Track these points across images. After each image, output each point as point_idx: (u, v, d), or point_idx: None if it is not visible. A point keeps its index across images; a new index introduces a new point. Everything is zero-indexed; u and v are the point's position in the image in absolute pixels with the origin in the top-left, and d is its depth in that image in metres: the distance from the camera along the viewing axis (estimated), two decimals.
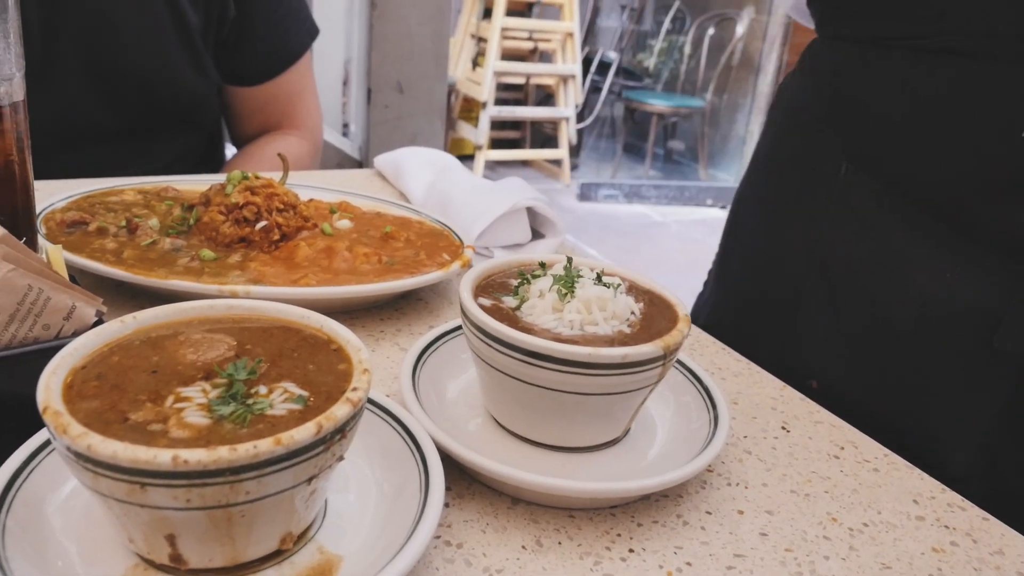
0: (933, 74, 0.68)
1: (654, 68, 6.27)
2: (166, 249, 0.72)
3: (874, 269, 0.74)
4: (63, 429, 0.34)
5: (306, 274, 0.70)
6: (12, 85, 0.54)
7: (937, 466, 0.62)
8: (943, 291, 0.69)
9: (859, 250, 0.75)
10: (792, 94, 0.86)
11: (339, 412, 0.37)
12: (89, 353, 0.41)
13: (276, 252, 0.74)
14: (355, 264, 0.73)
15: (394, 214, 0.89)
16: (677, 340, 0.49)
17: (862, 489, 0.56)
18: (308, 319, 0.46)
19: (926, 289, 0.70)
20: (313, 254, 0.73)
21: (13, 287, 0.45)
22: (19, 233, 0.54)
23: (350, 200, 0.92)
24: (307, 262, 0.73)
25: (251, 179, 0.78)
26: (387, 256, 0.76)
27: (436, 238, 0.83)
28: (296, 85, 1.30)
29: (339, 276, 0.71)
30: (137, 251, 0.71)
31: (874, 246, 0.74)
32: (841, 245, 0.76)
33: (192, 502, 0.35)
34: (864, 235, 0.74)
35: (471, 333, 0.51)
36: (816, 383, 0.75)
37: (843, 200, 0.76)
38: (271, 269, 0.71)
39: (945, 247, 0.69)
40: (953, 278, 0.69)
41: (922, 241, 0.70)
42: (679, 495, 0.53)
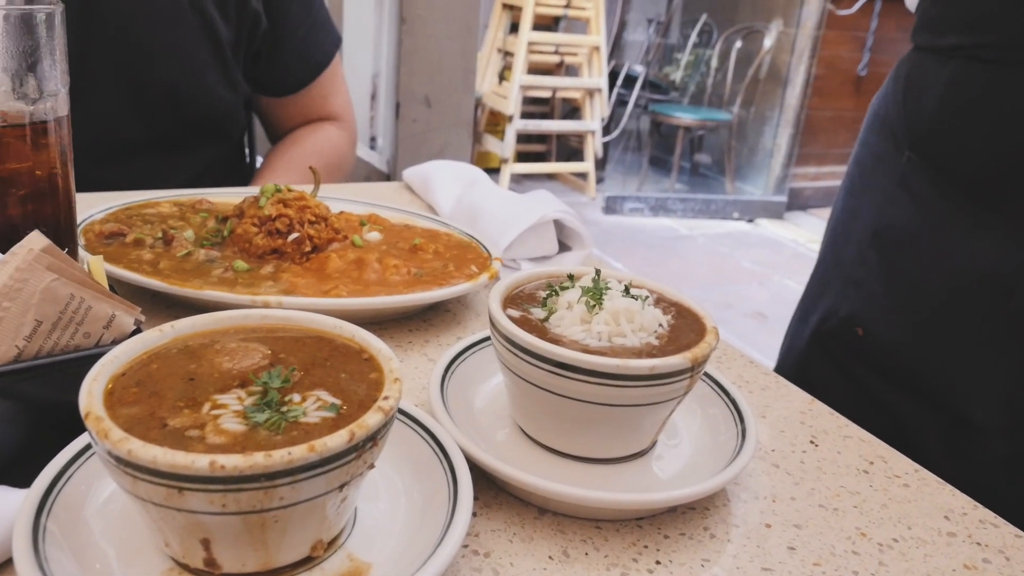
0: (977, 81, 0.83)
1: (680, 81, 6.26)
2: (201, 260, 0.74)
3: (918, 239, 0.88)
4: (104, 434, 0.35)
5: (337, 285, 0.71)
6: (57, 100, 0.55)
7: (962, 411, 0.82)
8: (971, 256, 0.83)
9: (908, 223, 0.90)
10: (879, 99, 1.02)
11: (371, 420, 0.38)
12: (129, 361, 0.42)
13: (307, 264, 0.75)
14: (385, 275, 0.74)
15: (423, 226, 0.90)
16: (705, 352, 0.50)
17: (892, 504, 0.56)
18: (340, 329, 0.46)
19: (957, 257, 0.84)
20: (344, 265, 0.75)
21: (56, 296, 0.46)
22: (61, 244, 0.55)
23: (379, 212, 0.93)
24: (338, 273, 0.74)
25: (284, 191, 0.79)
26: (416, 268, 0.76)
27: (464, 250, 0.84)
28: (326, 88, 1.32)
29: (369, 287, 0.72)
30: (173, 262, 0.73)
31: (920, 220, 0.88)
32: (895, 219, 0.91)
33: (228, 507, 0.36)
34: (914, 211, 0.89)
35: (500, 344, 0.52)
36: (861, 330, 0.91)
37: (903, 183, 0.91)
38: (303, 280, 0.72)
39: (977, 223, 0.83)
40: (980, 249, 0.82)
41: (959, 217, 0.84)
42: (706, 508, 0.53)
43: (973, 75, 0.83)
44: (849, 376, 0.93)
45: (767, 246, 5.03)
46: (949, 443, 0.86)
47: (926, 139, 0.89)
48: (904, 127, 0.92)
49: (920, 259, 0.88)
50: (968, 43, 0.84)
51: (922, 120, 0.90)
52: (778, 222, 5.48)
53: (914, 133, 0.91)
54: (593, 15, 5.15)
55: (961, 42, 0.85)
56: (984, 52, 0.82)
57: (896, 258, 0.91)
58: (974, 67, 0.83)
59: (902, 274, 0.90)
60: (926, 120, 0.89)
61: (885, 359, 0.89)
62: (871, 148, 1.00)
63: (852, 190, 1.03)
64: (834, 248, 1.03)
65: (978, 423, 0.82)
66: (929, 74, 0.90)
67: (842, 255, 1.00)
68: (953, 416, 0.85)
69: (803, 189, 5.65)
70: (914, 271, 0.88)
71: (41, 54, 0.53)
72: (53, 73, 0.54)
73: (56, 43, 0.54)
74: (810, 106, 5.42)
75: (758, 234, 5.27)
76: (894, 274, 0.91)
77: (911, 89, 0.92)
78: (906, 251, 0.90)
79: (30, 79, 0.53)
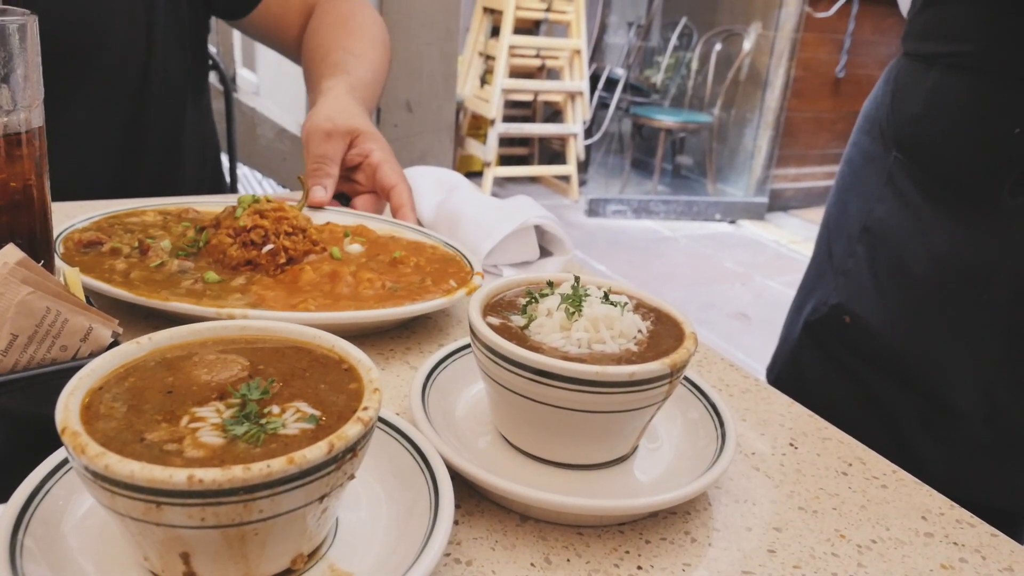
0: (957, 87, 0.89)
1: (661, 84, 6.29)
2: (173, 271, 0.73)
3: (903, 233, 0.94)
4: (81, 449, 0.35)
5: (306, 299, 0.70)
6: (31, 111, 0.55)
7: (943, 398, 0.89)
8: (952, 253, 0.88)
9: (894, 218, 0.96)
10: (871, 101, 1.07)
11: (350, 431, 0.38)
12: (106, 374, 0.42)
13: (282, 276, 0.75)
14: (358, 290, 0.73)
15: (408, 238, 0.89)
16: (684, 358, 0.50)
17: (870, 506, 0.56)
18: (320, 340, 0.46)
19: (939, 251, 0.89)
20: (317, 278, 0.74)
21: (32, 309, 0.46)
22: (37, 256, 0.55)
23: (368, 223, 0.91)
24: (310, 286, 0.73)
25: (262, 202, 0.79)
26: (392, 282, 0.75)
27: (446, 264, 0.83)
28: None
29: (340, 301, 0.71)
30: (145, 272, 0.72)
31: (905, 215, 0.94)
32: (882, 214, 0.97)
33: (207, 520, 0.35)
34: (899, 207, 0.95)
35: (480, 352, 0.52)
36: (849, 319, 0.97)
37: (890, 180, 0.97)
38: (272, 293, 0.71)
39: (957, 218, 0.88)
40: (960, 243, 0.88)
41: (941, 213, 0.90)
42: (687, 512, 0.53)
43: (953, 82, 0.89)
44: (838, 363, 0.99)
45: (749, 247, 5.06)
46: (932, 429, 0.91)
47: (911, 140, 0.95)
48: (892, 129, 0.98)
49: (904, 252, 0.93)
50: (947, 52, 0.90)
51: (907, 123, 0.96)
52: (759, 223, 5.52)
53: (900, 134, 0.97)
54: (574, 19, 5.17)
55: (941, 50, 0.91)
56: (962, 61, 0.88)
57: (882, 251, 0.97)
58: (953, 75, 0.89)
59: (888, 266, 0.95)
60: (911, 123, 0.95)
61: (871, 347, 0.95)
62: (861, 148, 1.06)
63: (843, 187, 1.09)
64: (827, 242, 1.09)
65: (960, 410, 0.89)
66: (914, 79, 0.96)
67: (833, 249, 1.06)
68: (936, 403, 0.91)
69: (784, 190, 5.70)
70: (899, 263, 0.94)
71: (14, 65, 0.52)
72: (27, 84, 0.54)
73: (29, 54, 0.53)
74: (790, 108, 5.46)
75: (740, 235, 5.30)
76: (880, 266, 0.96)
77: (899, 93, 0.98)
78: (892, 244, 0.96)
79: (3, 91, 0.52)
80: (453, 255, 0.85)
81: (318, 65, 1.13)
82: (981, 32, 0.87)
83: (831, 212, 1.09)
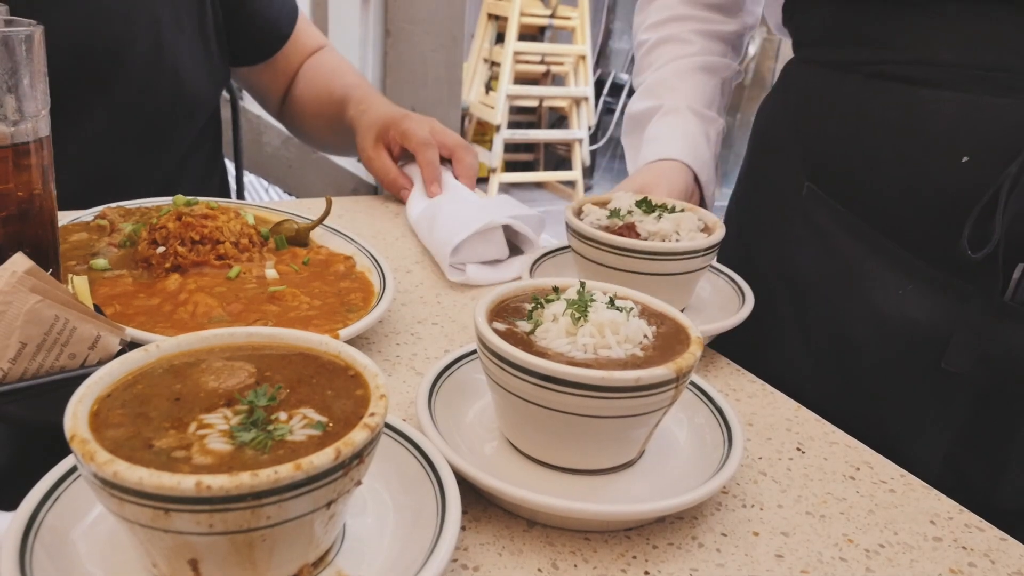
0: (883, 99, 0.72)
1: None
2: (100, 248, 0.78)
3: (835, 286, 0.77)
4: (90, 457, 0.35)
5: (116, 309, 0.67)
6: (38, 121, 0.55)
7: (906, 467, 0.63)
8: (897, 309, 0.72)
9: (820, 266, 0.79)
10: (767, 114, 0.91)
11: (357, 437, 0.38)
12: (114, 382, 0.42)
13: (165, 279, 0.73)
14: (194, 314, 0.68)
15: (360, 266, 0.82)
16: (689, 363, 0.50)
17: (878, 510, 0.56)
18: (326, 346, 0.47)
19: (882, 307, 0.73)
20: (173, 288, 0.71)
21: (40, 318, 0.46)
22: (44, 264, 0.55)
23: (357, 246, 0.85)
24: (158, 296, 0.70)
25: (200, 206, 0.79)
26: (228, 315, 0.69)
27: (330, 313, 0.71)
28: (304, 34, 1.29)
29: (133, 318, 0.66)
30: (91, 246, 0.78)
31: (834, 264, 0.77)
32: (804, 261, 0.80)
33: (215, 527, 0.36)
34: (825, 252, 0.78)
35: (486, 357, 0.52)
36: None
37: (805, 218, 0.80)
38: (107, 291, 0.70)
39: (897, 266, 0.72)
40: (905, 296, 0.72)
41: (877, 259, 0.74)
42: (694, 517, 0.53)
43: (876, 93, 0.72)
44: None
45: None
46: None
47: (825, 168, 0.78)
48: (799, 153, 0.81)
49: (839, 309, 0.77)
50: (872, 59, 0.73)
51: (820, 145, 0.79)
52: None
53: (812, 161, 0.79)
54: (578, 24, 5.17)
55: (861, 57, 0.74)
56: (891, 69, 0.71)
57: (812, 309, 0.80)
58: (877, 84, 0.72)
59: (821, 327, 0.79)
60: (825, 145, 0.78)
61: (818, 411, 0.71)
62: (764, 175, 0.89)
63: (744, 226, 0.91)
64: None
65: (922, 478, 0.64)
66: (823, 89, 0.79)
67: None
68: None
69: None
70: (834, 323, 0.78)
71: (21, 75, 0.53)
72: (33, 94, 0.54)
73: (36, 64, 0.54)
74: None
75: None
76: (814, 327, 0.80)
77: (804, 107, 0.81)
78: (822, 299, 0.79)
79: (10, 101, 0.53)
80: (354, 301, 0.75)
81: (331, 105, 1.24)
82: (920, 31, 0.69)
83: (732, 259, 0.87)
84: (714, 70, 1.00)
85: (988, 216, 0.64)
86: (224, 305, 0.70)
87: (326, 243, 0.87)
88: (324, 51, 1.33)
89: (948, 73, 0.67)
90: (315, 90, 1.28)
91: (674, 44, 1.01)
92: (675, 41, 1.01)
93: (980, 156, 0.66)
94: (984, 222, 0.64)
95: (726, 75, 1.02)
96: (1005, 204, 0.63)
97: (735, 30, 1.02)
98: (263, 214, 0.91)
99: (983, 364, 0.69)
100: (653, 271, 0.71)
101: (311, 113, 1.29)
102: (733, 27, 1.02)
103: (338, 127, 1.22)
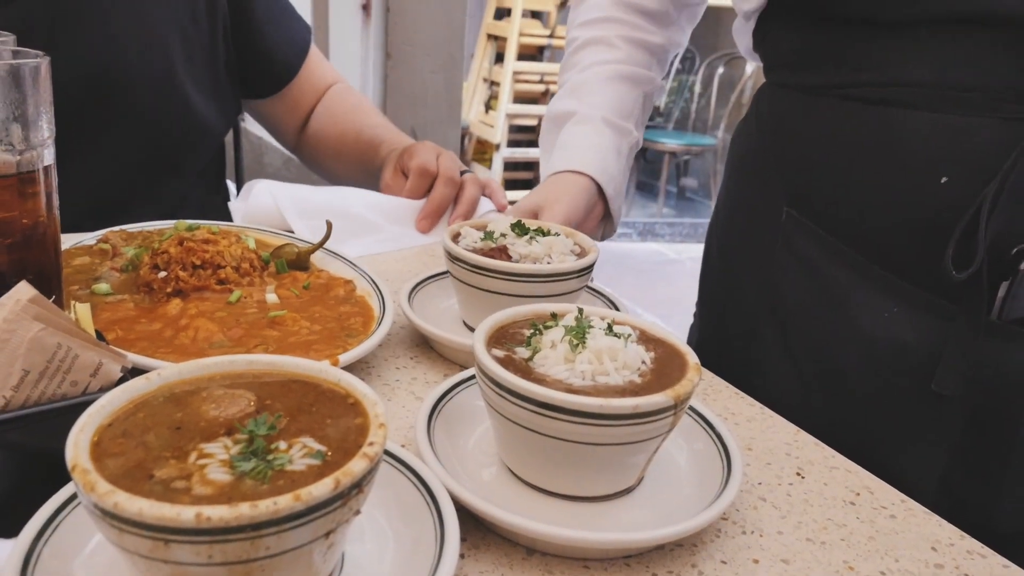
0: (858, 122, 0.72)
1: (665, 107, 6.33)
2: (102, 272, 0.78)
3: (820, 310, 0.77)
4: (91, 487, 0.36)
5: (117, 334, 0.67)
6: (43, 150, 0.56)
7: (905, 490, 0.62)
8: (885, 332, 0.72)
9: (804, 292, 0.78)
10: (743, 138, 0.90)
11: (356, 467, 0.38)
12: (115, 410, 0.42)
13: (165, 303, 0.73)
14: (195, 339, 0.68)
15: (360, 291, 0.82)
16: (688, 390, 0.50)
17: (879, 536, 0.56)
18: (325, 374, 0.47)
19: (869, 330, 0.73)
20: (174, 313, 0.72)
21: (43, 346, 0.46)
22: (47, 292, 0.55)
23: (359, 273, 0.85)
24: (160, 321, 0.70)
25: (202, 230, 0.79)
26: (228, 340, 0.69)
27: (330, 338, 0.71)
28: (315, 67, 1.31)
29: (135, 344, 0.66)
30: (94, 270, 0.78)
31: (818, 288, 0.77)
32: (788, 287, 0.80)
33: (214, 558, 0.36)
34: (808, 278, 0.78)
35: (484, 384, 0.52)
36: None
37: (787, 244, 0.80)
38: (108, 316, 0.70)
39: (882, 289, 0.72)
40: (891, 319, 0.71)
41: (861, 283, 0.73)
42: (694, 544, 0.53)
43: (851, 115, 0.73)
44: None
45: None
46: None
47: (804, 192, 0.78)
48: (777, 178, 0.81)
49: (826, 334, 0.76)
50: (845, 81, 0.73)
51: (797, 170, 0.78)
52: None
53: (791, 185, 0.79)
54: None
55: (834, 80, 0.74)
56: (865, 91, 0.71)
57: (798, 334, 0.79)
58: (852, 107, 0.73)
59: (807, 352, 0.78)
60: (802, 170, 0.78)
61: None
62: (743, 200, 0.88)
63: (727, 251, 0.90)
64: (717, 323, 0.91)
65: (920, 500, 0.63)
66: (797, 113, 0.79)
67: (731, 332, 0.87)
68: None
69: None
70: (821, 348, 0.77)
71: (27, 106, 0.53)
72: (39, 123, 0.55)
73: (43, 94, 0.54)
74: None
75: None
76: (800, 352, 0.79)
77: (780, 132, 0.81)
78: (807, 325, 0.78)
79: (16, 130, 0.54)
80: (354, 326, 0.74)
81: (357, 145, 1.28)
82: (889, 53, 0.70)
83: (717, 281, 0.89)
84: (637, 81, 1.02)
85: (970, 235, 0.64)
86: (225, 330, 0.70)
87: (326, 267, 0.88)
88: (340, 87, 1.35)
89: (923, 94, 0.68)
90: (337, 128, 1.29)
91: (601, 47, 1.02)
92: (602, 44, 1.02)
93: (958, 176, 0.66)
94: (966, 241, 0.64)
95: (648, 89, 1.04)
96: (986, 223, 0.63)
97: (661, 43, 1.04)
98: (264, 238, 0.91)
99: (974, 386, 0.69)
100: (523, 293, 0.71)
101: (333, 152, 1.30)
102: (660, 40, 1.03)
103: (370, 167, 1.23)
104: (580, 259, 0.75)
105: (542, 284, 0.71)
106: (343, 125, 1.29)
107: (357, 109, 1.31)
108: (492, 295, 0.72)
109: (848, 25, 0.72)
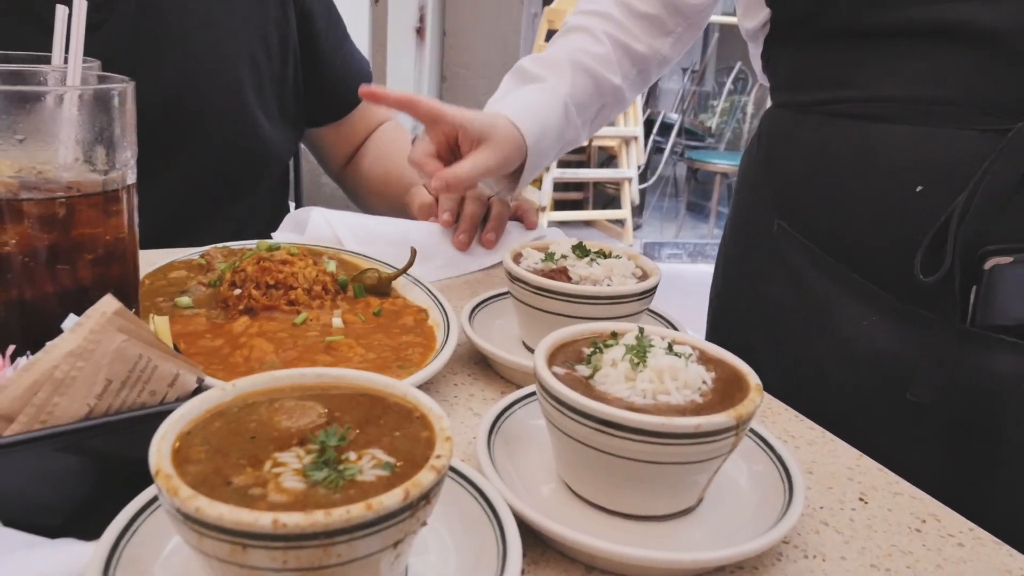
0: (841, 136, 0.76)
1: (716, 128, 6.30)
2: (191, 286, 0.82)
3: (806, 321, 0.80)
4: (174, 492, 0.37)
5: (181, 347, 0.68)
6: (126, 170, 0.59)
7: None
8: (865, 341, 0.74)
9: (792, 303, 0.81)
10: (747, 157, 0.94)
11: (425, 479, 0.39)
12: (194, 419, 0.44)
13: (236, 319, 0.75)
14: (248, 358, 0.69)
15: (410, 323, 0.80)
16: (750, 410, 0.50)
17: (947, 565, 0.55)
18: (393, 388, 0.48)
19: (850, 339, 0.75)
20: (236, 333, 0.73)
21: (126, 356, 0.49)
22: (127, 303, 0.58)
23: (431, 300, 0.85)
24: (224, 338, 0.72)
25: (282, 251, 0.81)
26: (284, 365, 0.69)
27: (381, 367, 0.71)
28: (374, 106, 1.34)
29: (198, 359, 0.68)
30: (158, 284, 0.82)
31: (804, 298, 0.80)
32: (778, 298, 0.83)
33: (288, 563, 0.37)
34: (796, 288, 0.81)
35: (545, 401, 0.53)
36: None
37: (777, 255, 0.83)
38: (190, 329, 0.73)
39: (862, 298, 0.75)
40: (871, 327, 0.74)
41: (843, 292, 0.76)
42: (755, 567, 0.53)
43: (835, 130, 0.76)
44: None
45: None
46: None
47: (792, 204, 0.82)
48: (771, 191, 0.85)
49: (811, 344, 0.79)
50: (824, 98, 0.77)
51: (787, 183, 0.83)
52: None
53: (780, 197, 0.83)
54: None
55: (818, 97, 0.78)
56: (848, 107, 0.75)
57: (786, 343, 0.82)
58: (836, 122, 0.76)
59: (794, 362, 0.81)
60: (790, 182, 0.82)
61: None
62: (743, 214, 0.93)
63: (727, 262, 0.95)
64: (716, 331, 0.95)
65: None
66: (789, 130, 0.83)
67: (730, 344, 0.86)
68: None
69: None
70: (808, 358, 0.79)
71: (113, 128, 0.56)
72: (123, 144, 0.58)
73: (127, 118, 0.57)
74: None
75: None
76: (789, 362, 0.81)
77: (774, 148, 0.86)
78: (795, 335, 0.81)
79: (101, 151, 0.56)
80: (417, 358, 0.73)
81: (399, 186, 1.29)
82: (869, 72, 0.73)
83: (719, 293, 0.92)
84: (602, 91, 1.03)
85: (942, 243, 0.67)
86: (279, 352, 0.71)
87: (406, 293, 0.87)
88: (391, 125, 1.39)
89: (900, 108, 0.71)
90: (382, 167, 1.33)
91: (587, 37, 1.03)
92: (589, 34, 1.03)
93: (933, 186, 0.69)
94: (937, 249, 0.67)
95: (608, 100, 1.05)
96: (956, 231, 0.66)
97: (645, 53, 1.04)
98: (354, 260, 0.92)
99: (952, 394, 0.69)
100: (584, 315, 0.71)
101: (376, 190, 1.34)
102: (643, 49, 1.04)
103: (398, 206, 1.26)
104: (641, 282, 0.75)
105: (603, 306, 0.71)
106: (387, 165, 1.32)
107: (404, 150, 1.32)
108: (552, 316, 0.72)
109: (835, 44, 0.76)
